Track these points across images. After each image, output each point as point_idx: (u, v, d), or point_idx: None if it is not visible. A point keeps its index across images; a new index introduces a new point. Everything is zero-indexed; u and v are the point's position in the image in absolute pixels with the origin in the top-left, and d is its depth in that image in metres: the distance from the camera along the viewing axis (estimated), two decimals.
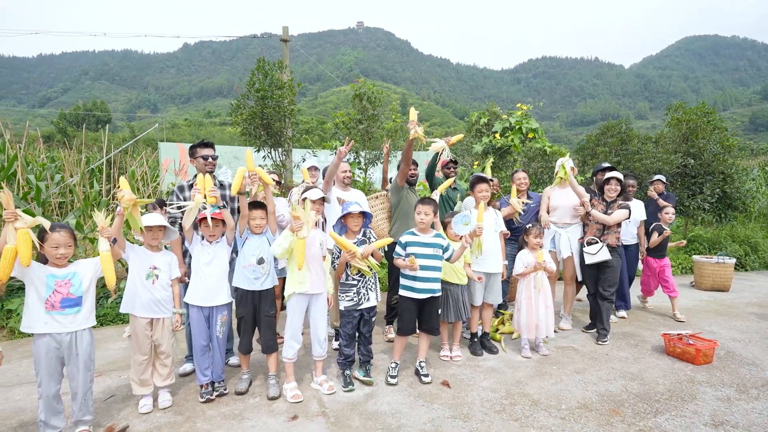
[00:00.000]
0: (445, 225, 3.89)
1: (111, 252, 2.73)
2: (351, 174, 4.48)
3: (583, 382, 3.56)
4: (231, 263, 3.42)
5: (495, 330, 4.61)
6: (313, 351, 3.43)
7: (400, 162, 4.34)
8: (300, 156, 7.34)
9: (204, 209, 3.14)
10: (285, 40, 9.10)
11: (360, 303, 3.43)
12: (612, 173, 4.55)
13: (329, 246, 3.54)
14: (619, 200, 4.54)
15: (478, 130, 8.06)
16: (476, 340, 4.19)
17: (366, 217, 3.49)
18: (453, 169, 4.84)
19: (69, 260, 2.70)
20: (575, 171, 4.81)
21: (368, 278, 3.45)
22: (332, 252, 3.59)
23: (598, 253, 4.42)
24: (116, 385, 3.46)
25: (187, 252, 3.40)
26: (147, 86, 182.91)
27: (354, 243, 3.34)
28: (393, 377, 3.50)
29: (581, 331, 4.78)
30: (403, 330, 3.56)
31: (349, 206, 3.39)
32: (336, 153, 4.03)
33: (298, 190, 3.61)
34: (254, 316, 3.34)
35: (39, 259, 2.67)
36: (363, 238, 3.47)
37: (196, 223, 3.20)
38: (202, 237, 3.25)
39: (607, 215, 4.47)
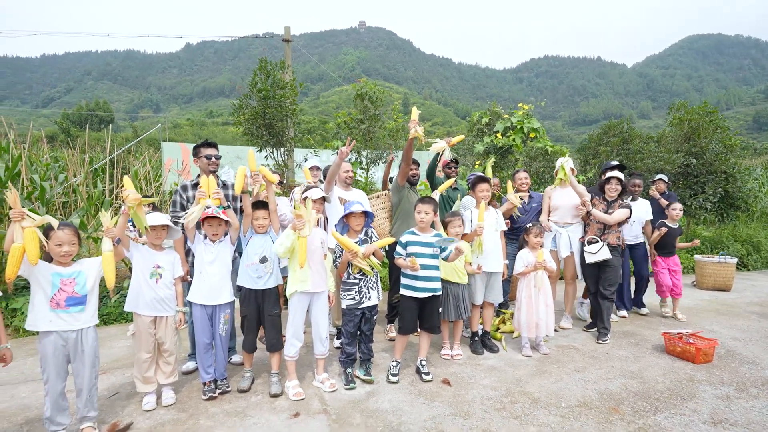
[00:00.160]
0: (446, 224, 3.91)
1: (114, 252, 2.77)
2: (353, 174, 4.49)
3: (583, 381, 3.57)
4: (234, 262, 3.45)
5: (496, 329, 4.63)
6: (315, 349, 3.46)
7: (401, 162, 4.36)
8: (302, 156, 7.34)
9: (208, 208, 3.18)
10: (287, 40, 9.13)
11: (361, 302, 3.46)
12: (612, 173, 4.56)
13: (330, 245, 3.57)
14: (620, 200, 4.55)
15: (480, 130, 8.07)
16: (477, 339, 4.21)
17: (368, 217, 3.52)
18: (454, 169, 4.86)
19: (73, 259, 2.74)
20: (575, 171, 4.83)
21: (370, 277, 3.48)
22: (334, 251, 3.62)
23: (599, 252, 4.43)
24: (120, 383, 3.50)
25: (190, 251, 3.44)
26: (149, 86, 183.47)
27: (356, 242, 3.37)
28: (394, 375, 3.53)
29: (582, 330, 4.80)
30: (404, 329, 3.59)
31: (352, 206, 3.42)
32: (338, 153, 4.05)
33: (300, 190, 3.64)
34: (258, 315, 3.38)
35: (44, 258, 2.71)
36: (365, 238, 3.50)
37: (199, 223, 3.24)
38: (205, 236, 3.29)
39: (608, 215, 4.48)
